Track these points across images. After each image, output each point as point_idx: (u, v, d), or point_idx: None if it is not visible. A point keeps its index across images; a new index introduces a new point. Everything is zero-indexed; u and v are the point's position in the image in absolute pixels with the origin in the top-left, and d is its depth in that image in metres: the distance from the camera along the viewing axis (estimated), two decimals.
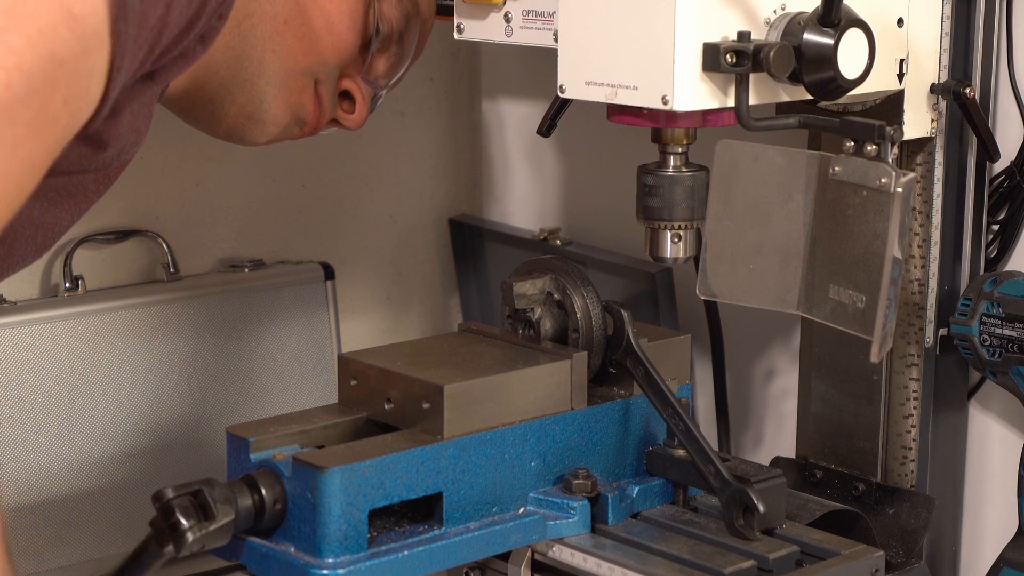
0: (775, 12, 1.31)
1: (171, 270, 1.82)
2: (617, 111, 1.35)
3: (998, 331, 1.47)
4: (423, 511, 1.32)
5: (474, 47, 2.02)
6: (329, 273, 1.91)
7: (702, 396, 1.82)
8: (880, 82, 1.38)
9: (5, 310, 1.69)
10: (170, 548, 1.21)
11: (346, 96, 1.44)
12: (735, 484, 1.34)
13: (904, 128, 1.43)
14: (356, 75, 1.43)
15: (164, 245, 1.82)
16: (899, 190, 1.25)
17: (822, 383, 1.58)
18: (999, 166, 1.54)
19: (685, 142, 1.38)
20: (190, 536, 1.20)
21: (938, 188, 1.49)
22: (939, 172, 1.48)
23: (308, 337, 1.89)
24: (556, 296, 1.45)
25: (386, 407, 1.36)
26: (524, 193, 2.03)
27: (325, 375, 1.87)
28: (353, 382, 1.39)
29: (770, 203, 1.35)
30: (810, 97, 1.33)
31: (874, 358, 1.27)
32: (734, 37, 1.28)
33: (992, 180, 1.55)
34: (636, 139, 1.43)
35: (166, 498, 1.21)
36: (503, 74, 2.02)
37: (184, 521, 1.20)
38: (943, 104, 1.46)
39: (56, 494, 1.71)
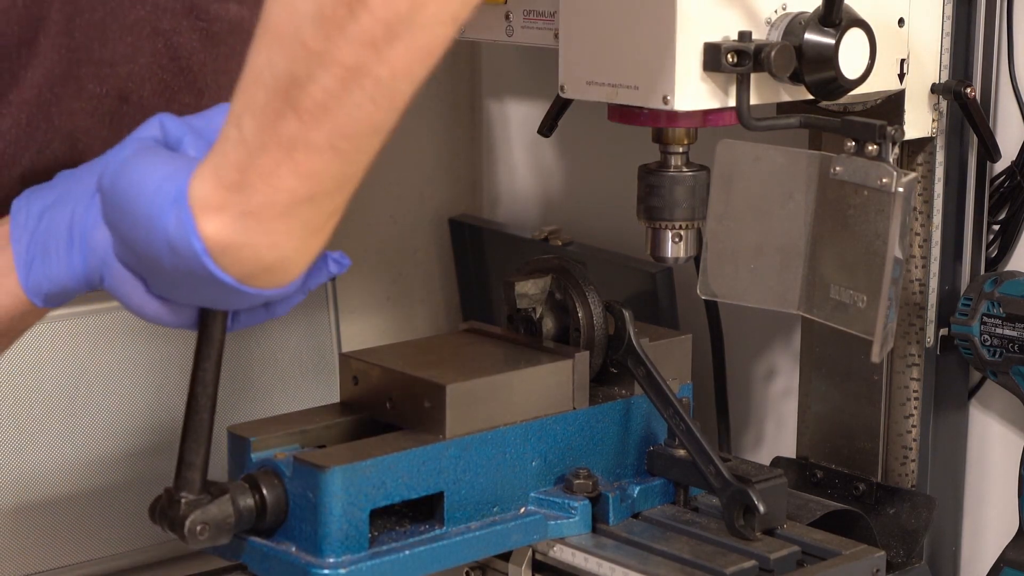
0: (776, 12, 1.31)
1: None
2: (618, 111, 1.35)
3: (998, 331, 1.47)
4: (424, 511, 1.32)
5: (474, 47, 2.02)
6: None
7: (702, 396, 1.82)
8: (881, 82, 1.38)
9: None
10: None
11: None
12: (736, 484, 1.34)
13: (905, 128, 1.43)
14: None
15: None
16: (900, 190, 1.25)
17: (822, 383, 1.58)
18: (1000, 166, 1.54)
19: (686, 142, 1.38)
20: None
21: (939, 188, 1.49)
22: (940, 172, 1.49)
23: (308, 337, 1.89)
24: (557, 296, 1.45)
25: (387, 406, 1.36)
26: (524, 193, 2.03)
27: (325, 375, 1.87)
28: (355, 381, 1.39)
29: (771, 203, 1.36)
30: (811, 97, 1.33)
31: (875, 358, 1.27)
32: (735, 37, 1.28)
33: (993, 180, 1.55)
34: (636, 139, 1.43)
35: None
36: (503, 74, 2.02)
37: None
38: (944, 104, 1.46)
39: (56, 494, 1.71)
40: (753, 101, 1.29)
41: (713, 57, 1.27)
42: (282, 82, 0.89)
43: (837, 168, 1.30)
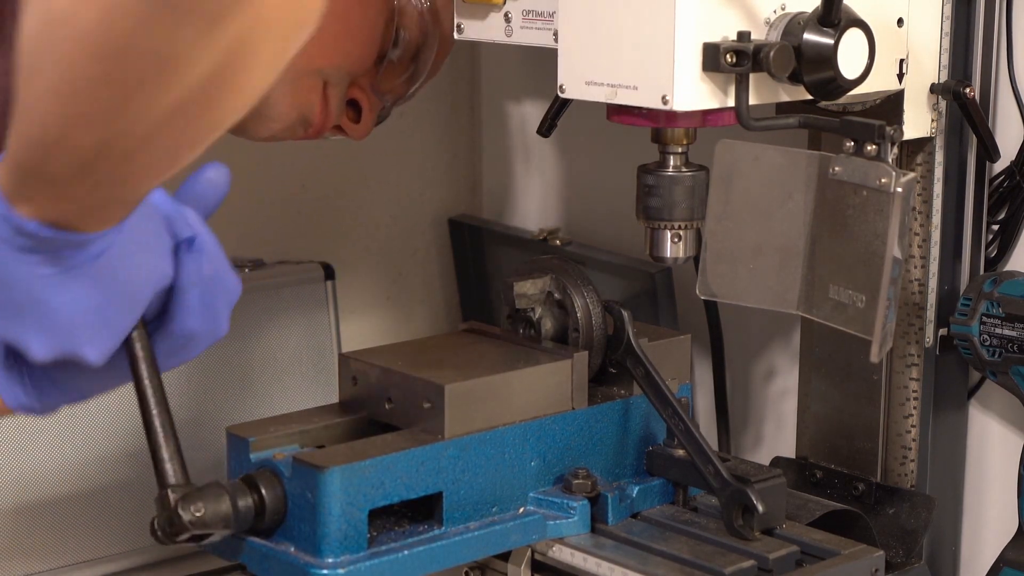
0: (775, 12, 1.31)
1: None
2: (617, 111, 1.35)
3: (998, 331, 1.47)
4: (423, 511, 1.32)
5: (474, 47, 2.02)
6: (329, 273, 1.91)
7: (702, 396, 1.82)
8: (880, 82, 1.38)
9: None
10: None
11: (353, 105, 1.44)
12: (735, 484, 1.34)
13: (904, 128, 1.43)
14: (367, 86, 1.43)
15: None
16: (899, 190, 1.25)
17: (822, 383, 1.58)
18: (999, 166, 1.54)
19: (685, 142, 1.38)
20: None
21: (938, 188, 1.49)
22: (939, 172, 1.48)
23: (308, 337, 1.89)
24: (556, 296, 1.45)
25: (387, 407, 1.36)
26: (524, 193, 2.03)
27: (325, 375, 1.87)
28: (354, 382, 1.39)
29: (770, 203, 1.36)
30: (810, 97, 1.33)
31: (874, 358, 1.27)
32: (734, 37, 1.28)
33: (992, 180, 1.55)
34: (636, 139, 1.43)
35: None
36: (503, 74, 2.02)
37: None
38: (943, 104, 1.46)
39: (56, 494, 1.71)
40: (752, 101, 1.29)
41: (712, 57, 1.27)
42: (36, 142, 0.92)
43: (836, 168, 1.30)
